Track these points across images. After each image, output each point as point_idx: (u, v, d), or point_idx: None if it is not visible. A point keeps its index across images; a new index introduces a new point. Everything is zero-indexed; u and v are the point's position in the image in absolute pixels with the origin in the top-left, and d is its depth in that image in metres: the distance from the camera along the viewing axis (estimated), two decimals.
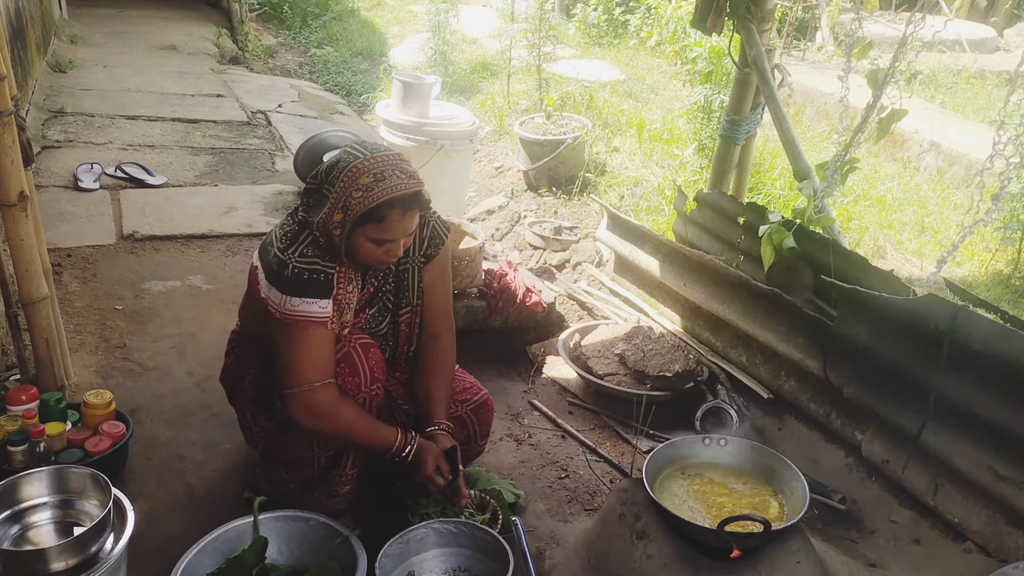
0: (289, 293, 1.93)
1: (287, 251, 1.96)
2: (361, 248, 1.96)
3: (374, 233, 1.93)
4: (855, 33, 3.05)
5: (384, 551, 1.98)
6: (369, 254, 1.97)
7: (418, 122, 4.25)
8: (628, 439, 2.90)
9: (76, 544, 1.82)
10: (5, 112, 2.28)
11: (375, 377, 2.07)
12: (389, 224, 1.92)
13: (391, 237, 1.95)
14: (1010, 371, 2.15)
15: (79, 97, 5.84)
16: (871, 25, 7.09)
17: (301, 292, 1.94)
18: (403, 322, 2.22)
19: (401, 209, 1.92)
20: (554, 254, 4.46)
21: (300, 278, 1.94)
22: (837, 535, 2.45)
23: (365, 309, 2.14)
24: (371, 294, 2.14)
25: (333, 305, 1.98)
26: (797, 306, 2.83)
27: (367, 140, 2.08)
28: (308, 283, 1.94)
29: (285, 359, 1.97)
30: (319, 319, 1.95)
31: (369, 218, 1.91)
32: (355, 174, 1.91)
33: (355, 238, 1.94)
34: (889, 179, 5.26)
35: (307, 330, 1.95)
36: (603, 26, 8.36)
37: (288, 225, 2.03)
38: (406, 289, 2.20)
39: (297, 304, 1.93)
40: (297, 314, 1.94)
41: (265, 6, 9.74)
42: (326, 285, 1.96)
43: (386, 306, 2.19)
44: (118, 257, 3.73)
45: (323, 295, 1.96)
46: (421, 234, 2.19)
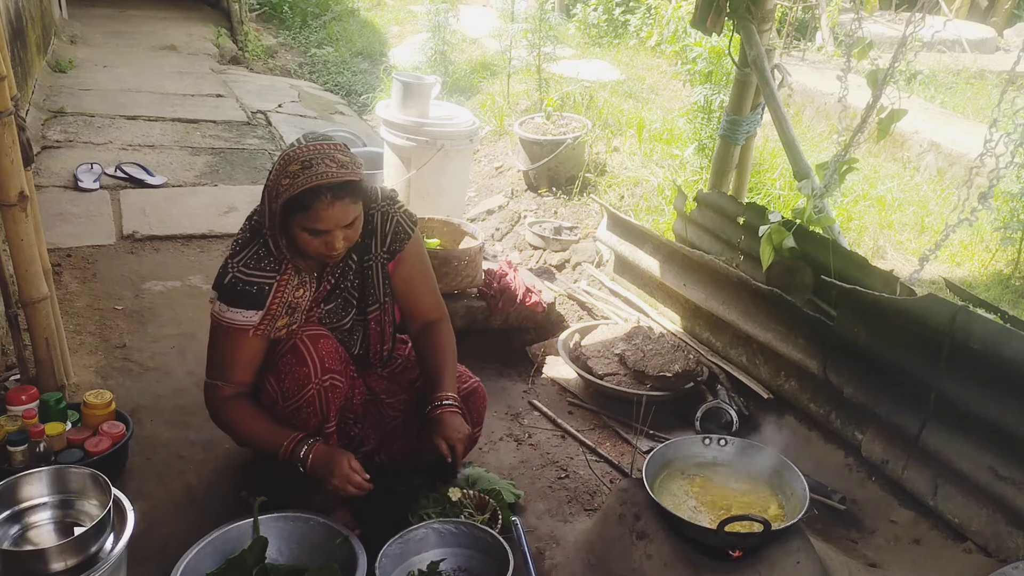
0: (222, 300, 2.03)
1: (233, 259, 2.03)
2: (300, 240, 1.96)
3: (304, 222, 1.92)
4: (855, 33, 3.05)
5: (384, 551, 1.98)
6: (308, 245, 1.96)
7: (418, 122, 4.25)
8: (628, 439, 2.90)
9: (76, 544, 1.82)
10: (5, 112, 2.28)
11: (326, 367, 2.04)
12: (316, 212, 1.89)
13: (323, 227, 1.92)
14: (1010, 371, 2.15)
15: (79, 97, 5.84)
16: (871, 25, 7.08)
17: (231, 301, 2.01)
18: (372, 319, 2.21)
19: (329, 198, 1.89)
20: (554, 254, 4.46)
21: (234, 288, 2.00)
22: (837, 535, 2.45)
23: (321, 305, 2.15)
24: (328, 291, 2.15)
25: (265, 315, 2.02)
26: (797, 306, 2.83)
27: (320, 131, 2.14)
28: (240, 294, 2.00)
29: (208, 350, 2.11)
30: (240, 326, 2.02)
31: (296, 206, 1.90)
32: (285, 163, 1.92)
33: (292, 229, 1.95)
34: (889, 179, 5.26)
35: (227, 334, 2.04)
36: (603, 26, 8.36)
37: (243, 232, 2.08)
38: (372, 287, 2.19)
39: (224, 311, 2.02)
40: (223, 319, 2.03)
41: (265, 6, 9.73)
42: (257, 298, 2.00)
43: (348, 302, 2.18)
44: (118, 257, 3.73)
45: (252, 307, 2.01)
46: (384, 229, 2.16)
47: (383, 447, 2.33)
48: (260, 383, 2.08)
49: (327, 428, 2.10)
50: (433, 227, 3.46)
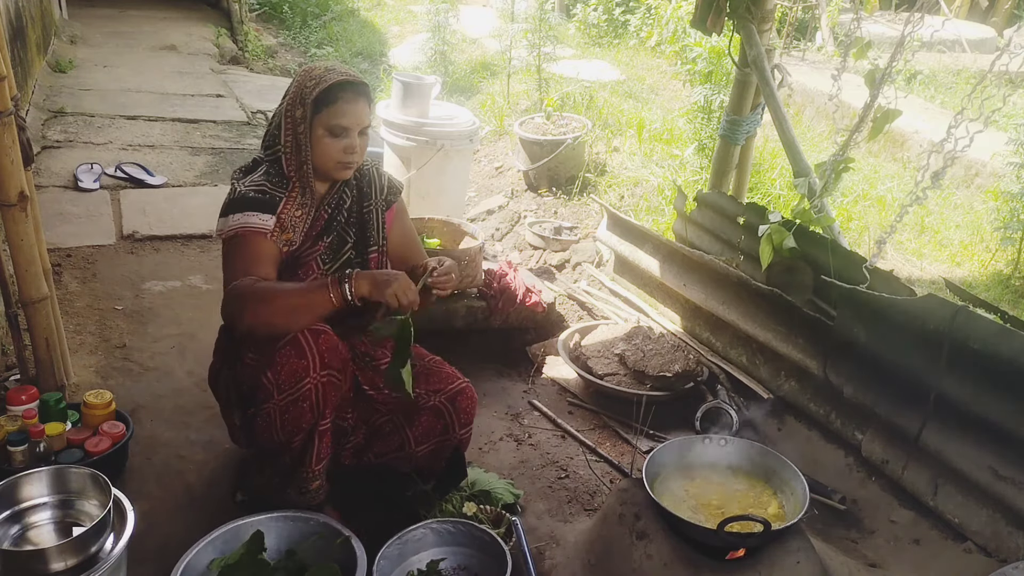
0: (233, 211, 2.09)
1: (239, 181, 2.14)
2: (320, 145, 2.10)
3: (329, 119, 2.07)
4: (854, 33, 3.05)
5: (382, 553, 1.98)
6: (328, 150, 2.10)
7: (418, 122, 4.25)
8: (628, 439, 2.90)
9: (76, 544, 1.82)
10: (5, 112, 2.28)
11: (325, 363, 2.01)
12: (342, 107, 2.08)
13: (345, 123, 2.09)
14: (1010, 371, 2.15)
15: (79, 97, 5.84)
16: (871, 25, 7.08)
17: (243, 208, 2.08)
18: (372, 260, 2.29)
19: (353, 93, 2.09)
20: (554, 254, 4.46)
21: (246, 196, 2.10)
22: (837, 535, 2.45)
23: (323, 237, 2.20)
24: (325, 221, 2.21)
25: (276, 222, 2.09)
26: (797, 306, 2.83)
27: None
28: (251, 200, 2.09)
29: (226, 273, 2.08)
30: (257, 229, 2.07)
31: (324, 101, 2.07)
32: (307, 72, 2.14)
33: (315, 135, 2.09)
34: (889, 179, 5.26)
35: (245, 238, 2.06)
36: (603, 26, 8.36)
37: (243, 164, 2.24)
38: (372, 229, 2.29)
39: (238, 218, 2.07)
40: (237, 225, 2.07)
41: (265, 6, 9.73)
42: (270, 202, 2.10)
43: (344, 239, 2.25)
44: (118, 257, 3.73)
45: (264, 210, 2.09)
46: (380, 180, 2.34)
47: (372, 445, 2.32)
48: (257, 377, 2.04)
49: (321, 425, 2.08)
50: (433, 227, 3.46)
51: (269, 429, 2.06)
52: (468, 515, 2.20)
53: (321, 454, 2.13)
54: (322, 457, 2.14)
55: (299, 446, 2.10)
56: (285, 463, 2.13)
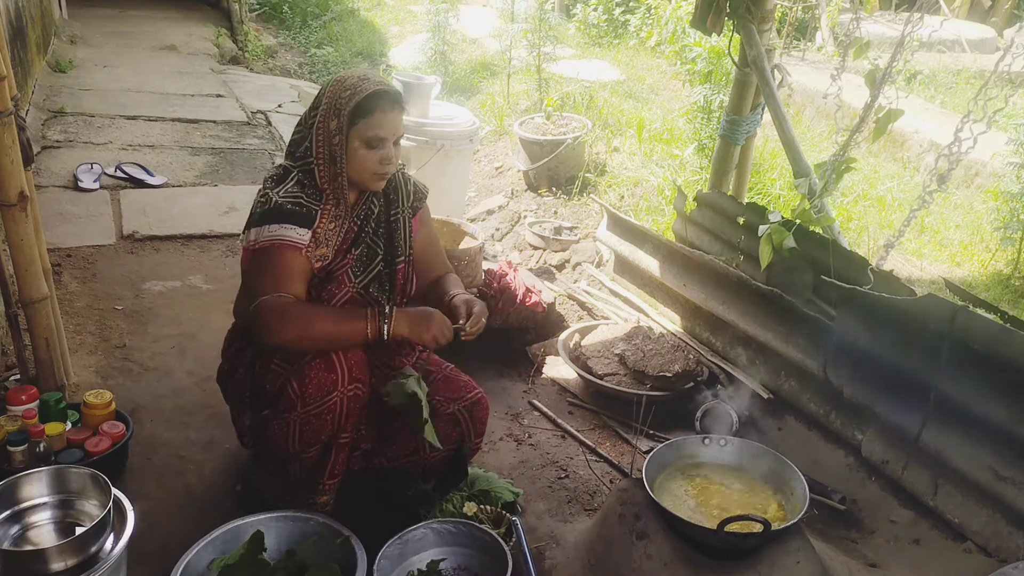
0: (268, 222, 2.01)
1: (273, 191, 2.05)
2: (356, 157, 2.05)
3: (366, 130, 2.03)
4: (854, 33, 3.05)
5: (383, 552, 1.98)
6: (364, 162, 2.05)
7: (418, 122, 4.25)
8: (628, 439, 2.90)
9: (76, 544, 1.82)
10: (5, 112, 2.28)
11: (354, 377, 2.02)
12: (379, 118, 2.03)
13: (383, 134, 2.05)
14: (1010, 371, 2.15)
15: (79, 97, 5.84)
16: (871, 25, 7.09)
17: (281, 220, 2.01)
18: (399, 271, 2.24)
19: (389, 103, 2.05)
20: (554, 254, 4.46)
21: (283, 208, 2.02)
22: (837, 535, 2.45)
23: (351, 250, 2.15)
24: (355, 233, 2.16)
25: (313, 236, 2.04)
26: (797, 306, 2.83)
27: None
28: (290, 212, 2.02)
29: (253, 287, 2.02)
30: (294, 243, 2.01)
31: (360, 113, 2.02)
32: (340, 81, 2.07)
33: (351, 147, 2.04)
34: (889, 179, 5.26)
35: (280, 251, 2.00)
36: (603, 26, 8.36)
37: (273, 172, 2.13)
38: (399, 239, 2.24)
39: (275, 230, 2.00)
40: (273, 237, 2.00)
41: (265, 6, 9.73)
42: (307, 216, 2.04)
43: (374, 251, 2.19)
44: (118, 257, 3.73)
45: (302, 224, 2.03)
46: (407, 187, 2.29)
47: (385, 449, 2.32)
48: (282, 384, 2.03)
49: (341, 438, 2.09)
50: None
51: (284, 437, 2.05)
52: (468, 515, 2.20)
53: (335, 468, 2.14)
54: (336, 473, 2.15)
55: (314, 457, 2.10)
56: (296, 471, 2.13)
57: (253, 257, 2.04)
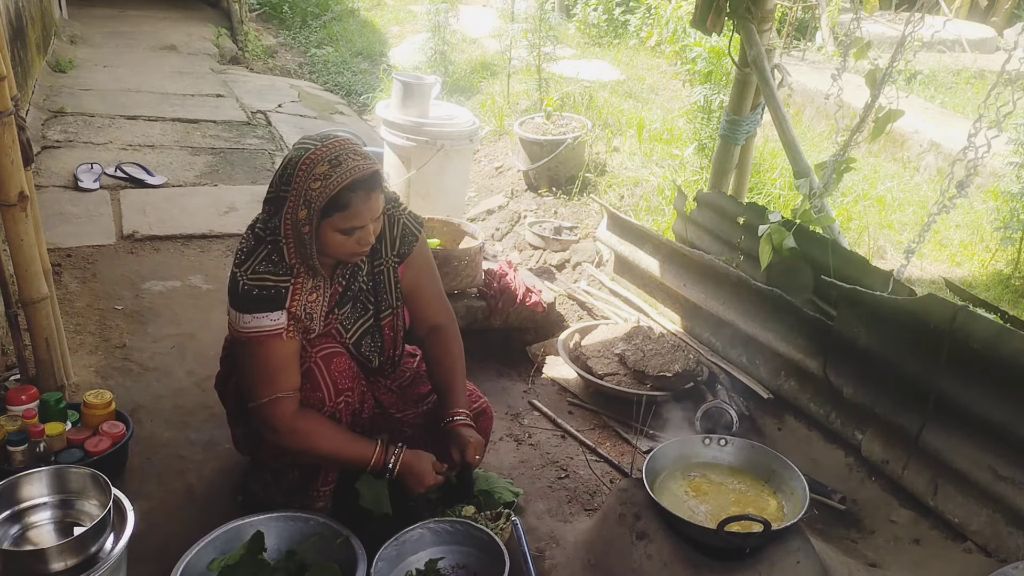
0: (241, 310, 1.93)
1: (240, 267, 1.95)
2: (331, 243, 1.92)
3: (341, 223, 1.88)
4: (854, 33, 3.05)
5: (380, 554, 1.98)
6: (340, 247, 1.93)
7: (418, 122, 4.25)
8: (628, 439, 2.90)
9: (76, 544, 1.82)
10: (5, 112, 2.28)
11: (340, 389, 2.03)
12: (355, 210, 1.88)
13: (359, 224, 1.90)
14: (1010, 371, 2.15)
15: (79, 97, 5.84)
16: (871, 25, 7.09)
17: (251, 308, 1.92)
18: (385, 325, 2.17)
19: (364, 191, 1.88)
20: (554, 254, 4.46)
21: (249, 295, 1.92)
22: (837, 535, 2.45)
23: (335, 310, 2.10)
24: (340, 293, 2.10)
25: (288, 316, 1.95)
26: (797, 306, 2.83)
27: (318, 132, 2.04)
28: (257, 299, 1.92)
29: (245, 376, 2.00)
30: (271, 331, 1.93)
31: (334, 206, 1.86)
32: (310, 165, 1.86)
33: (324, 234, 1.90)
34: (889, 179, 5.26)
35: (261, 344, 1.94)
36: (603, 26, 8.36)
37: (245, 241, 2.00)
38: (384, 292, 2.16)
39: (249, 321, 1.93)
40: (250, 330, 1.93)
41: (265, 6, 9.73)
42: (276, 299, 1.93)
43: (366, 306, 2.14)
44: (118, 257, 3.73)
45: (273, 308, 1.93)
46: (392, 233, 2.14)
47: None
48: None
49: None
50: (433, 227, 3.46)
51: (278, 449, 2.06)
52: (468, 516, 2.20)
53: (329, 476, 2.15)
54: (330, 480, 2.15)
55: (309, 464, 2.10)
56: (292, 479, 2.13)
57: (238, 344, 1.99)
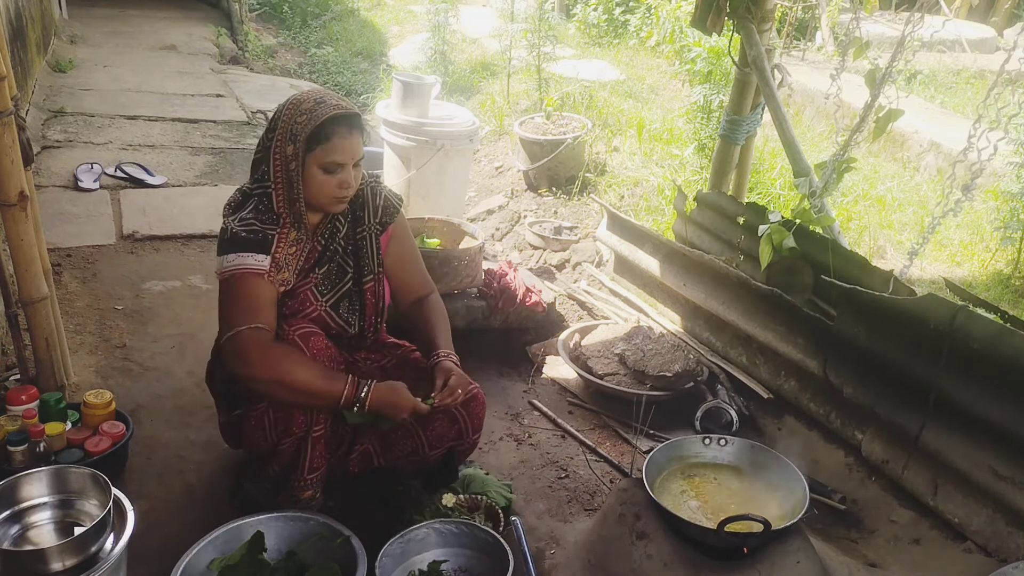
0: (227, 252, 2.03)
1: (229, 218, 2.08)
2: (314, 183, 2.04)
3: (324, 156, 2.01)
4: (854, 33, 3.05)
5: (384, 551, 1.98)
6: (323, 187, 2.04)
7: (418, 122, 4.25)
8: (628, 439, 2.90)
9: (76, 544, 1.82)
10: (5, 112, 2.28)
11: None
12: (336, 143, 2.00)
13: (340, 159, 2.02)
14: (1010, 371, 2.15)
15: (79, 97, 5.84)
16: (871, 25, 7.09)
17: (237, 248, 2.02)
18: (368, 291, 2.23)
19: (346, 127, 2.02)
20: (554, 254, 4.46)
21: (237, 236, 2.03)
22: (837, 535, 2.45)
23: (315, 269, 2.16)
24: (319, 252, 2.16)
25: (271, 261, 2.04)
26: (797, 306, 2.83)
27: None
28: (244, 240, 2.03)
29: (222, 314, 2.03)
30: (254, 270, 2.02)
31: (317, 139, 1.99)
32: (296, 103, 2.04)
33: (308, 171, 2.02)
34: (889, 179, 5.25)
35: (242, 279, 2.01)
36: (603, 26, 8.36)
37: (233, 198, 2.14)
38: (366, 257, 2.23)
39: (233, 260, 2.02)
40: (233, 267, 2.01)
41: (265, 6, 9.73)
42: (263, 242, 2.04)
43: (343, 269, 2.20)
44: (118, 257, 3.73)
45: (259, 250, 2.03)
46: (375, 202, 2.25)
47: (380, 450, 2.31)
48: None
49: (315, 431, 2.08)
50: (433, 227, 3.46)
51: (260, 431, 2.07)
52: (448, 506, 2.21)
53: (314, 463, 2.13)
54: (315, 467, 2.14)
55: (290, 451, 2.09)
56: (274, 470, 2.13)
57: (221, 288, 2.05)
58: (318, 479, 2.16)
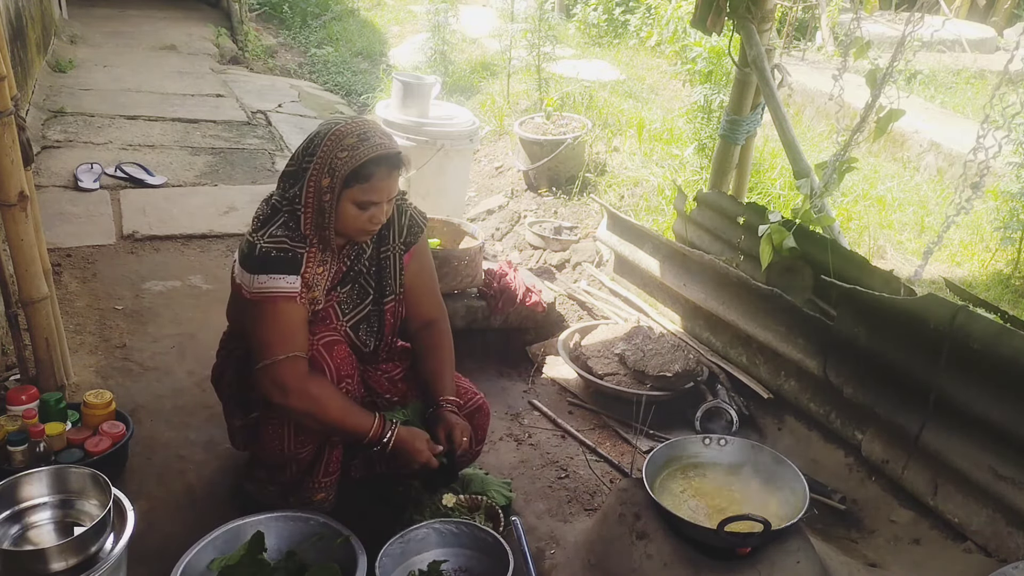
0: (257, 272, 1.97)
1: (256, 233, 2.01)
2: (345, 216, 1.99)
3: (360, 195, 1.96)
4: (854, 33, 3.05)
5: (384, 550, 1.98)
6: (353, 221, 2.00)
7: (418, 122, 4.25)
8: (628, 439, 2.90)
9: (76, 544, 1.82)
10: (5, 112, 2.28)
11: (342, 375, 2.04)
12: (375, 184, 1.96)
13: (376, 199, 1.98)
14: (1010, 371, 2.15)
15: (79, 97, 5.84)
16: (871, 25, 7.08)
17: (268, 269, 1.97)
18: (388, 311, 2.21)
19: (387, 168, 1.98)
20: (554, 254, 4.46)
21: (268, 256, 1.97)
22: (837, 535, 2.45)
23: (337, 288, 2.13)
24: (343, 272, 2.14)
25: (301, 282, 2.00)
26: (797, 306, 2.83)
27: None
28: (275, 260, 1.97)
29: (256, 337, 2.00)
30: (287, 294, 1.97)
31: (356, 178, 1.95)
32: (339, 137, 1.96)
33: (341, 205, 1.98)
34: (889, 179, 5.26)
35: (276, 304, 1.97)
36: (603, 26, 8.36)
37: (261, 210, 2.07)
38: (388, 277, 2.20)
39: (265, 281, 1.96)
40: (265, 290, 1.96)
41: (265, 6, 9.73)
42: (293, 262, 1.99)
43: (365, 290, 2.18)
44: (118, 257, 3.73)
45: (290, 271, 1.98)
46: (400, 222, 2.21)
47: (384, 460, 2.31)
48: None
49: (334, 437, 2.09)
50: (433, 227, 3.46)
51: (279, 439, 2.06)
52: (448, 506, 2.21)
53: (330, 467, 2.14)
54: (331, 471, 2.15)
55: (308, 457, 2.09)
56: (290, 473, 2.13)
57: (252, 309, 2.00)
58: (332, 483, 2.17)
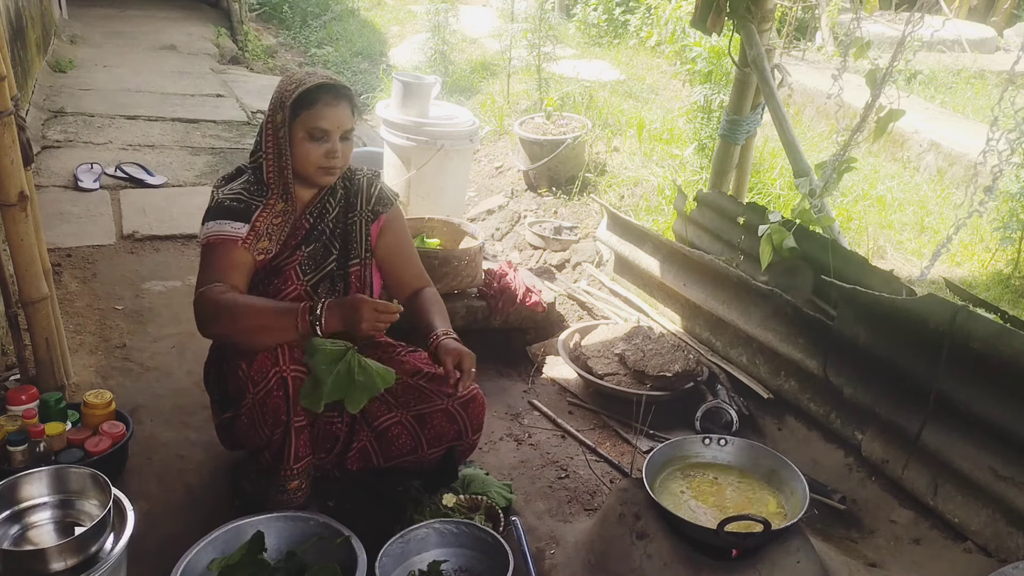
0: (209, 219, 2.11)
1: (219, 188, 2.16)
2: (302, 150, 2.10)
3: (309, 121, 2.07)
4: (854, 33, 3.05)
5: (384, 550, 1.98)
6: (310, 155, 2.10)
7: (418, 122, 4.25)
8: (628, 439, 2.90)
9: (76, 544, 1.82)
10: (5, 112, 2.28)
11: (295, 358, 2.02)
12: (321, 110, 2.07)
13: (325, 126, 2.08)
14: (1010, 371, 2.15)
15: (79, 97, 5.84)
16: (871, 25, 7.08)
17: (218, 217, 2.10)
18: (352, 273, 2.27)
19: (333, 95, 2.09)
20: (554, 254, 4.46)
21: (220, 205, 2.11)
22: (837, 535, 2.45)
23: (301, 246, 2.19)
24: (307, 230, 2.20)
25: (251, 230, 2.09)
26: (797, 306, 2.83)
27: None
28: (227, 209, 2.10)
29: (197, 281, 2.08)
30: (229, 236, 2.08)
31: (302, 104, 2.06)
32: (288, 76, 2.15)
33: (296, 139, 2.09)
34: (889, 179, 5.25)
35: (216, 247, 2.08)
36: (603, 26, 8.36)
37: (228, 172, 2.24)
38: (354, 241, 2.27)
39: (211, 226, 2.09)
40: (210, 234, 2.09)
41: (265, 6, 9.73)
42: (244, 211, 2.10)
43: (329, 250, 2.23)
44: (118, 257, 3.73)
45: (238, 219, 2.09)
46: (369, 191, 2.30)
47: (382, 449, 2.31)
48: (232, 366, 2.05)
49: (296, 421, 2.06)
50: (433, 227, 3.46)
51: (252, 429, 2.07)
52: (448, 506, 2.21)
53: (299, 452, 2.11)
54: (300, 456, 2.12)
55: (279, 440, 2.09)
56: (266, 459, 2.13)
57: (201, 256, 2.12)
58: (303, 469, 2.14)
